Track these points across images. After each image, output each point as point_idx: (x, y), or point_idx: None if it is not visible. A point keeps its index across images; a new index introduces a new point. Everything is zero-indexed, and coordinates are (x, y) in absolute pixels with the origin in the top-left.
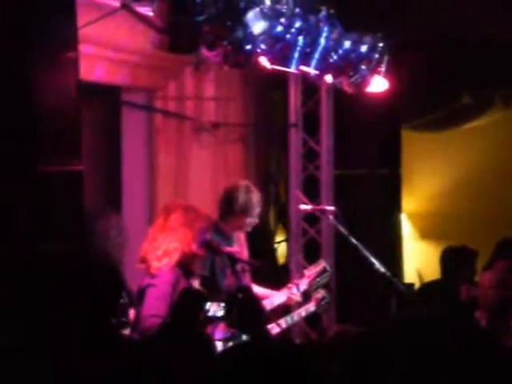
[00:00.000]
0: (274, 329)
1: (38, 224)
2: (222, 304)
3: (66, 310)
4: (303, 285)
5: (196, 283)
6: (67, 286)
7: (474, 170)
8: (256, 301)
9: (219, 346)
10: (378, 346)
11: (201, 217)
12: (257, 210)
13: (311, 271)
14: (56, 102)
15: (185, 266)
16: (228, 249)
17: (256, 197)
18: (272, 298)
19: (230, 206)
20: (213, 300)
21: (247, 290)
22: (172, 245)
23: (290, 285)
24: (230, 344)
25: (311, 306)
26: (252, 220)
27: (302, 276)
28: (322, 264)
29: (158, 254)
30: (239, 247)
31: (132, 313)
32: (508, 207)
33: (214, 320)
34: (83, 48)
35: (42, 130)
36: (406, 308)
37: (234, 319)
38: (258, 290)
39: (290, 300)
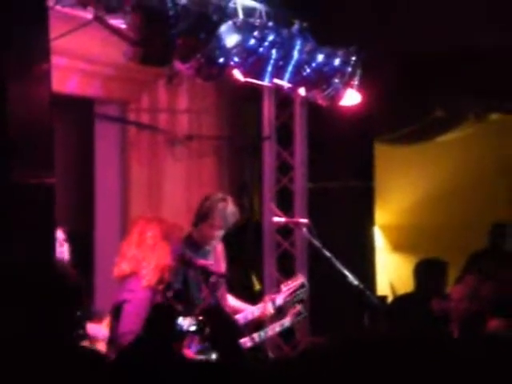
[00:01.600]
0: (247, 342)
1: (8, 236)
2: (194, 319)
3: (24, 321)
4: (279, 299)
5: (169, 296)
6: (24, 296)
7: (447, 182)
8: (228, 319)
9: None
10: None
11: (175, 229)
12: (219, 219)
13: (288, 286)
14: (29, 114)
15: (164, 280)
16: (201, 262)
17: (223, 206)
18: (246, 312)
19: (197, 213)
20: (186, 314)
21: (219, 309)
22: (155, 261)
23: (266, 298)
24: (202, 357)
25: (286, 321)
26: (212, 230)
27: (278, 291)
28: (300, 279)
29: (143, 272)
30: (215, 259)
31: (101, 329)
32: (481, 220)
33: (187, 335)
34: (56, 60)
35: (14, 141)
36: (378, 321)
37: (206, 335)
38: (233, 302)
39: (263, 314)
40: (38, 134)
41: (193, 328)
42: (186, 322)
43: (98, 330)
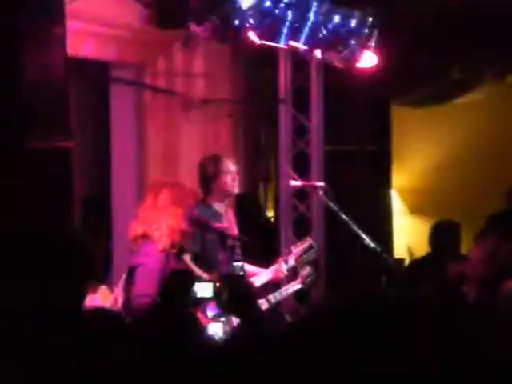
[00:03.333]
0: (263, 304)
1: (23, 203)
2: (212, 285)
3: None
4: (290, 261)
5: (187, 260)
6: (41, 258)
7: (465, 145)
8: (246, 285)
9: (212, 325)
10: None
11: (188, 193)
12: (229, 167)
13: (298, 248)
14: (43, 78)
15: (176, 244)
16: (217, 225)
17: (224, 158)
18: (261, 275)
19: (204, 177)
20: (202, 280)
21: (237, 274)
22: (165, 224)
23: (278, 260)
24: (222, 320)
25: (297, 283)
26: (228, 179)
27: (289, 252)
28: (308, 241)
29: (156, 234)
30: (228, 223)
31: (118, 295)
32: (499, 181)
33: (203, 301)
34: (71, 24)
35: (28, 106)
36: (395, 284)
37: (224, 301)
38: (248, 267)
39: (277, 275)
40: (53, 98)
41: (210, 294)
42: (202, 288)
43: (93, 300)
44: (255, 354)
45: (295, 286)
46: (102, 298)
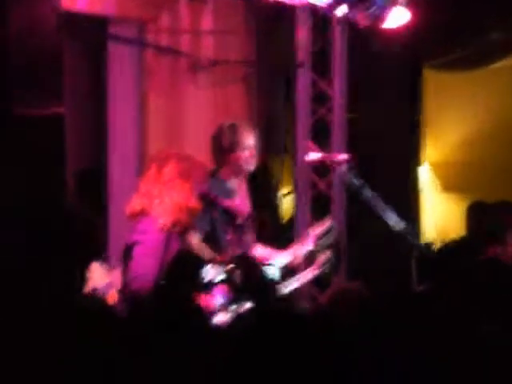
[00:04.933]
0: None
1: (12, 173)
2: (223, 267)
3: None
4: (308, 245)
5: (196, 239)
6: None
7: (505, 114)
8: (260, 267)
9: (223, 312)
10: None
11: (197, 167)
12: (249, 141)
13: (316, 230)
14: (34, 36)
15: (180, 223)
16: (227, 202)
17: (244, 129)
18: (275, 260)
19: (218, 148)
20: (214, 262)
21: (250, 255)
22: (169, 200)
23: (295, 243)
24: (231, 309)
25: (314, 269)
26: (246, 154)
27: (307, 235)
28: (327, 222)
29: (157, 210)
30: (241, 200)
31: (117, 278)
32: None
33: (215, 284)
34: None
35: (16, 66)
36: (425, 270)
37: (237, 284)
38: (260, 250)
39: (294, 260)
40: (44, 59)
41: (221, 277)
42: (213, 271)
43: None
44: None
45: (312, 272)
46: (95, 276)
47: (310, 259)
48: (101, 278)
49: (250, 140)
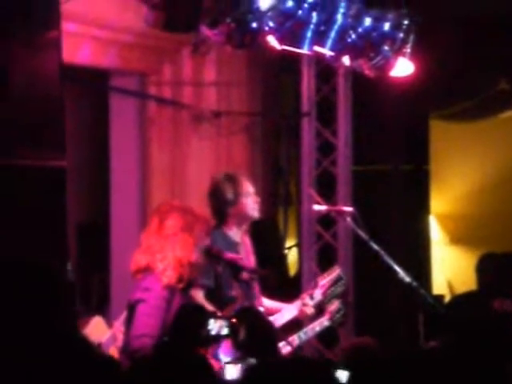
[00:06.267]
0: (284, 347)
1: (11, 225)
2: (227, 321)
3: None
4: (317, 295)
5: (199, 296)
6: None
7: None
8: (266, 320)
9: (229, 368)
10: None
11: (200, 220)
12: (249, 188)
13: (325, 279)
14: (36, 88)
15: (184, 278)
16: (231, 256)
17: (241, 177)
18: (283, 312)
19: (221, 202)
20: (216, 316)
21: (255, 309)
22: (172, 255)
23: (302, 295)
24: (239, 366)
25: (325, 320)
26: (250, 201)
27: (315, 285)
28: (336, 271)
29: (160, 266)
30: (245, 253)
31: (118, 331)
32: None
33: (218, 339)
34: (66, 26)
35: (19, 118)
36: (434, 324)
37: (241, 340)
38: (267, 302)
39: (302, 313)
40: (46, 110)
41: (225, 331)
42: (216, 325)
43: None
44: None
45: (323, 323)
46: (95, 330)
47: (319, 310)
48: (102, 331)
49: (249, 187)
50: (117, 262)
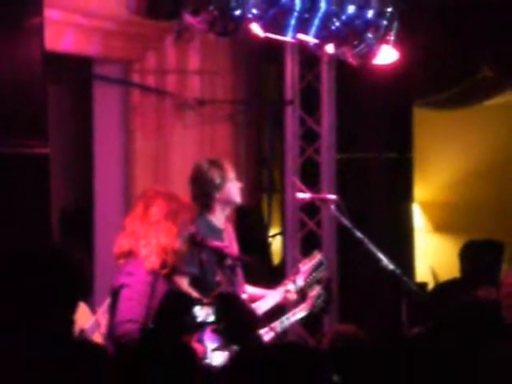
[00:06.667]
0: (267, 334)
1: None
2: (213, 308)
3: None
4: (299, 281)
5: (184, 283)
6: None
7: (497, 152)
8: (245, 307)
9: (215, 355)
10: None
11: (184, 207)
12: (232, 173)
13: (307, 265)
14: (19, 75)
15: (167, 264)
16: (215, 243)
17: (225, 162)
18: (266, 298)
19: (206, 187)
20: (202, 303)
21: (234, 296)
22: (156, 241)
23: (285, 282)
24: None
25: (306, 306)
26: (234, 186)
27: (297, 271)
28: (317, 256)
29: (143, 252)
30: (228, 241)
31: (102, 317)
32: None
33: (204, 326)
34: (49, 13)
35: (1, 106)
36: (417, 311)
37: (223, 326)
38: (250, 289)
39: (285, 299)
40: (28, 98)
41: (211, 318)
42: (203, 312)
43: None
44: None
45: (304, 309)
46: (78, 316)
47: (301, 296)
48: (86, 317)
49: (232, 172)
50: (100, 246)
